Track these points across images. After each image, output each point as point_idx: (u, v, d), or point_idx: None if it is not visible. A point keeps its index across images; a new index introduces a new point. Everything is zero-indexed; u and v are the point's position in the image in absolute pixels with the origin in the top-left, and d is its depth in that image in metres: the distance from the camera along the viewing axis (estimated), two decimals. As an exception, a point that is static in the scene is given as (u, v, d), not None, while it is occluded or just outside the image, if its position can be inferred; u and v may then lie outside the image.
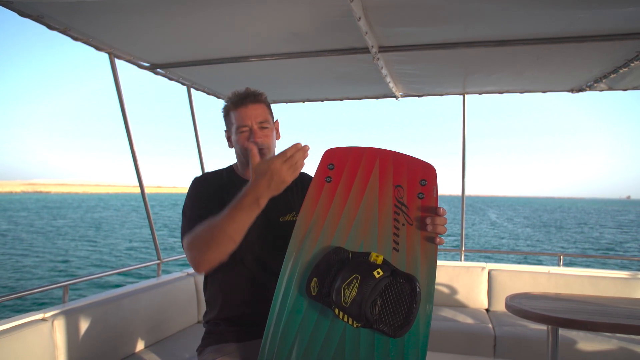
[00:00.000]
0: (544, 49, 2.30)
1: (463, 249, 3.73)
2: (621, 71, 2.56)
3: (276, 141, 1.50)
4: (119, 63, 2.52)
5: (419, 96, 3.49)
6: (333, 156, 1.25)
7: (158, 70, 2.76)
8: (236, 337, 1.39)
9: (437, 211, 1.15)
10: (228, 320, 1.42)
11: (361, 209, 1.19)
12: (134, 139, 2.76)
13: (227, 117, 1.46)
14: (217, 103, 3.65)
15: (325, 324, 1.13)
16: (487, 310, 3.32)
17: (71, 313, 1.97)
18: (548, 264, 3.56)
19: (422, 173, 1.19)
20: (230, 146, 1.48)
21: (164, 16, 1.97)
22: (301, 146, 1.11)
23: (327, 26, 2.05)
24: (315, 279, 1.12)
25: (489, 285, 3.34)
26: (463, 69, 2.78)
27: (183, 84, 3.12)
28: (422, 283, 1.11)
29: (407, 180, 1.19)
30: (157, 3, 1.82)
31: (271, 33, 2.19)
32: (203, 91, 3.32)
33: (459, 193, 3.82)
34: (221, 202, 1.35)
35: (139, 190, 2.95)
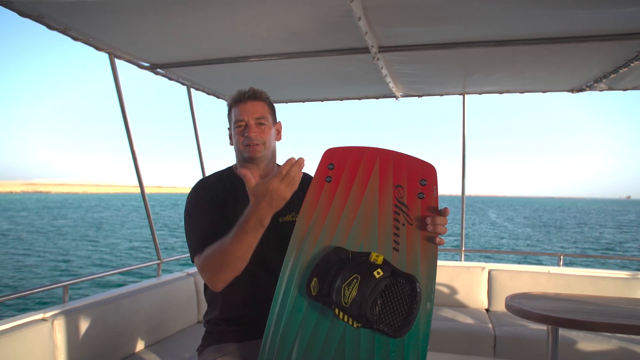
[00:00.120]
0: (544, 49, 2.30)
1: (463, 249, 3.73)
2: (621, 71, 2.56)
3: (276, 142, 1.51)
4: (119, 63, 2.53)
5: (419, 96, 3.49)
6: (333, 156, 1.24)
7: (158, 70, 2.76)
8: (236, 337, 1.39)
9: (442, 211, 1.15)
10: (228, 320, 1.42)
11: (361, 209, 1.19)
12: (134, 139, 2.76)
13: (229, 114, 1.48)
14: (217, 103, 3.65)
15: (325, 324, 1.12)
16: (487, 310, 3.32)
17: (71, 313, 1.96)
18: (548, 264, 3.56)
19: (422, 173, 1.19)
20: (231, 144, 1.49)
21: (164, 16, 1.97)
22: (295, 160, 1.10)
23: (327, 26, 2.05)
24: (315, 279, 1.12)
25: (489, 285, 3.34)
26: (463, 69, 2.78)
27: (183, 84, 3.12)
28: (423, 283, 1.11)
29: (407, 180, 1.19)
30: (157, 3, 1.82)
31: (271, 33, 2.19)
32: (203, 91, 3.32)
33: (459, 193, 3.82)
34: (224, 207, 1.37)
35: (139, 190, 2.96)
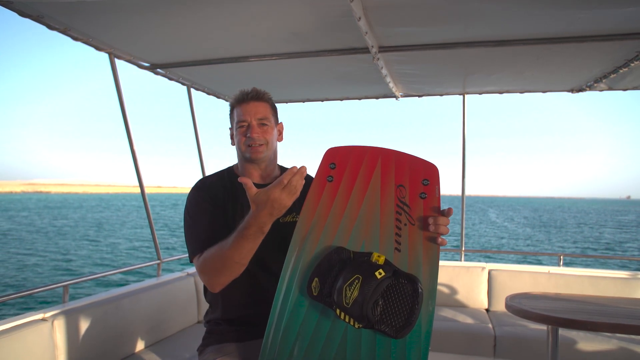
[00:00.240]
0: (544, 49, 2.30)
1: (463, 249, 3.72)
2: (621, 71, 2.56)
3: (277, 142, 1.51)
4: (119, 63, 2.53)
5: (419, 96, 3.49)
6: (335, 155, 1.24)
7: (158, 70, 2.76)
8: (237, 337, 1.39)
9: (445, 211, 1.14)
10: (229, 320, 1.42)
11: (363, 209, 1.18)
12: (134, 139, 2.76)
13: (231, 114, 1.48)
14: (217, 103, 3.66)
15: (326, 324, 1.12)
16: (487, 310, 3.32)
17: (71, 313, 1.96)
18: (548, 264, 3.56)
19: (425, 173, 1.18)
20: (232, 144, 1.49)
21: (164, 16, 1.96)
22: (296, 169, 1.10)
23: (327, 26, 2.05)
24: (316, 279, 1.11)
25: (489, 285, 3.34)
26: (463, 69, 2.78)
27: (183, 84, 3.12)
28: (424, 284, 1.10)
29: (409, 179, 1.18)
30: (157, 3, 1.82)
31: (271, 33, 2.19)
32: (203, 91, 3.32)
33: (459, 193, 3.81)
34: (224, 207, 1.37)
35: (139, 190, 2.95)
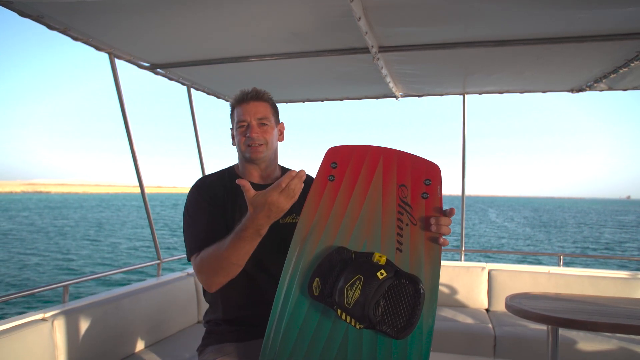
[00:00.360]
0: (544, 49, 2.30)
1: (463, 249, 3.72)
2: (621, 71, 2.56)
3: (278, 142, 1.50)
4: (119, 63, 2.52)
5: (419, 96, 3.49)
6: (336, 154, 1.23)
7: (158, 70, 2.76)
8: (236, 337, 1.39)
9: (447, 212, 1.13)
10: (228, 321, 1.42)
11: (364, 209, 1.17)
12: (134, 139, 2.76)
13: (231, 115, 1.48)
14: (217, 103, 3.66)
15: (327, 325, 1.11)
16: (487, 310, 3.32)
17: (71, 313, 1.96)
18: (548, 264, 3.56)
19: (427, 172, 1.17)
20: (233, 144, 1.49)
21: (164, 16, 1.96)
22: (295, 173, 1.10)
23: (327, 26, 2.05)
24: (317, 279, 1.11)
25: (489, 285, 3.34)
26: (463, 69, 2.78)
27: (183, 84, 3.12)
28: (426, 284, 1.09)
29: (411, 179, 1.17)
30: (157, 3, 1.81)
31: (271, 33, 2.18)
32: (203, 91, 3.32)
33: (459, 193, 3.81)
34: (223, 207, 1.37)
35: (139, 190, 2.95)
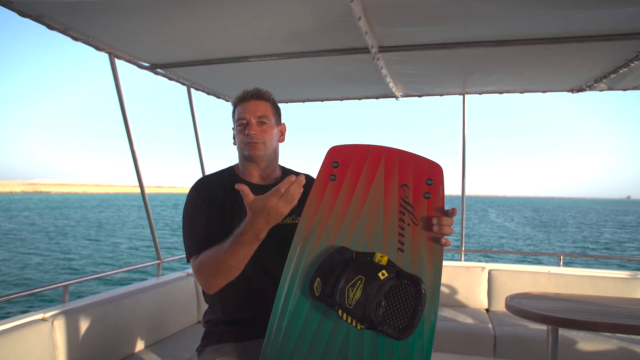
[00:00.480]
0: (544, 49, 2.30)
1: (463, 249, 3.72)
2: (621, 71, 2.56)
3: (278, 143, 1.50)
4: (119, 63, 2.52)
5: (419, 96, 3.49)
6: (337, 154, 1.23)
7: (158, 70, 2.76)
8: (236, 337, 1.39)
9: (449, 212, 1.13)
10: (228, 321, 1.42)
11: (366, 208, 1.17)
12: (134, 139, 2.76)
13: (233, 114, 1.48)
14: (217, 103, 3.66)
15: (328, 325, 1.11)
16: (487, 310, 3.32)
17: (71, 313, 1.96)
18: (548, 264, 3.56)
19: (429, 172, 1.17)
20: (234, 143, 1.49)
21: (164, 16, 1.96)
22: (294, 179, 1.10)
23: (327, 26, 2.05)
24: (318, 279, 1.11)
25: (489, 285, 3.34)
26: (463, 69, 2.78)
27: (183, 84, 3.12)
28: (428, 284, 1.09)
29: (413, 179, 1.17)
30: (157, 3, 1.81)
31: (271, 33, 2.18)
32: (203, 91, 3.32)
33: (459, 193, 3.81)
34: (222, 207, 1.36)
35: (139, 190, 2.95)
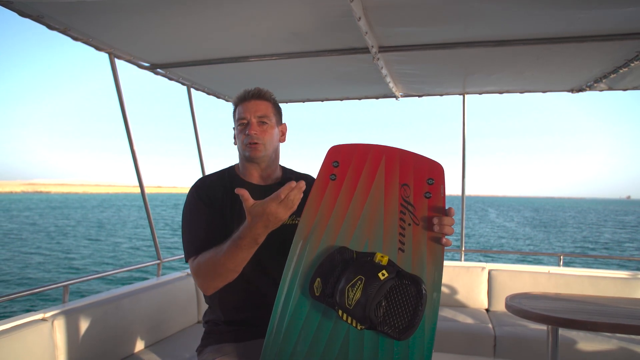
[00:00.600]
0: (544, 49, 2.30)
1: (463, 249, 3.72)
2: (621, 71, 2.56)
3: (279, 143, 1.50)
4: (119, 63, 2.52)
5: (419, 96, 3.49)
6: (338, 153, 1.22)
7: (158, 70, 2.76)
8: (236, 337, 1.39)
9: (447, 211, 1.12)
10: (228, 321, 1.42)
11: (366, 208, 1.16)
12: (134, 139, 2.76)
13: (234, 114, 1.48)
14: (217, 103, 3.66)
15: (328, 325, 1.11)
16: (487, 310, 3.32)
17: (71, 313, 1.96)
18: (548, 264, 3.56)
19: (430, 171, 1.16)
20: (235, 143, 1.49)
21: (164, 16, 1.96)
22: (294, 185, 1.10)
23: (327, 26, 2.05)
24: (318, 279, 1.10)
25: (489, 285, 3.34)
26: (463, 69, 2.78)
27: (183, 84, 3.12)
28: (428, 285, 1.08)
29: (414, 178, 1.16)
30: (157, 3, 1.81)
31: (271, 33, 2.18)
32: (203, 91, 3.32)
33: (459, 193, 3.81)
34: (221, 208, 1.37)
35: (139, 190, 2.95)
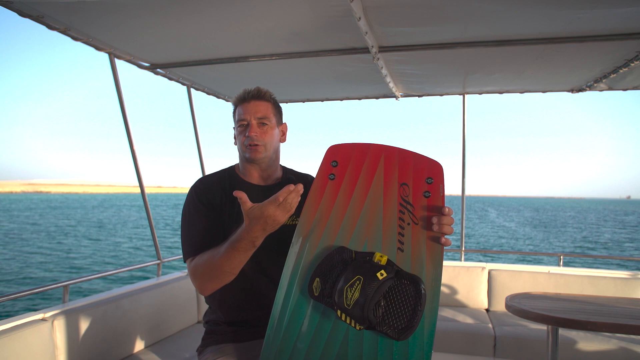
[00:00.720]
0: (544, 49, 2.30)
1: (463, 249, 3.73)
2: (621, 71, 2.56)
3: (279, 143, 1.50)
4: (119, 63, 2.52)
5: (419, 96, 3.49)
6: (337, 153, 1.22)
7: (158, 70, 2.76)
8: (236, 338, 1.39)
9: (442, 211, 1.11)
10: (228, 321, 1.42)
11: (365, 208, 1.16)
12: (134, 139, 2.76)
13: (234, 114, 1.48)
14: (217, 103, 3.67)
15: (327, 325, 1.11)
16: (487, 310, 3.32)
17: (71, 313, 1.96)
18: (548, 264, 3.56)
19: (429, 171, 1.16)
20: (235, 143, 1.48)
21: (164, 16, 1.96)
22: (292, 188, 1.10)
23: (327, 26, 2.05)
24: (317, 279, 1.10)
25: (489, 285, 3.34)
26: (463, 69, 2.78)
27: (183, 84, 3.12)
28: (428, 284, 1.08)
29: (413, 178, 1.16)
30: (157, 3, 1.81)
31: (271, 33, 2.18)
32: (203, 91, 3.32)
33: (459, 193, 3.82)
34: (221, 208, 1.37)
35: (139, 190, 2.95)
